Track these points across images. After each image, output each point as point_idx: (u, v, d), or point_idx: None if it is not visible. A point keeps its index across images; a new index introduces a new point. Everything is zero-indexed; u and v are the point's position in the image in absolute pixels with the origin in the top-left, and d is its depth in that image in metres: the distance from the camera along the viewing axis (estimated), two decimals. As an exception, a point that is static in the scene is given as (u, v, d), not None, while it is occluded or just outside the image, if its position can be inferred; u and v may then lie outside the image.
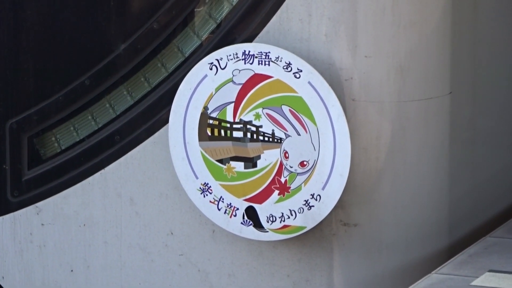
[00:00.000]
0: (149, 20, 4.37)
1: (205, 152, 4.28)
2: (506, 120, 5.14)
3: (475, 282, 4.23)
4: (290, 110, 4.25)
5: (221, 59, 4.28)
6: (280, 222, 4.24)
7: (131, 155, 4.44)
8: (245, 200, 4.33)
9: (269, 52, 4.23)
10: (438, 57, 4.46)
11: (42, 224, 4.52)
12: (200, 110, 4.27)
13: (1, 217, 4.65)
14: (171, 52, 4.35)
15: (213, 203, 4.24)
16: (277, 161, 4.31)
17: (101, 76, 4.41)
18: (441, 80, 4.40)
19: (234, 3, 4.54)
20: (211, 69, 4.25)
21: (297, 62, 4.21)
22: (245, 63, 4.25)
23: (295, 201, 4.30)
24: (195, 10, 4.43)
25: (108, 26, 4.47)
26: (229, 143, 4.34)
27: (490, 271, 4.31)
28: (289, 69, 4.19)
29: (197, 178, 4.27)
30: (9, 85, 4.65)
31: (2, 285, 4.63)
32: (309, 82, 4.11)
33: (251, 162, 4.37)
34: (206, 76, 4.20)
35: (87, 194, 4.52)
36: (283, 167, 4.30)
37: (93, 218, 4.52)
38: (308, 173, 4.28)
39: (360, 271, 4.44)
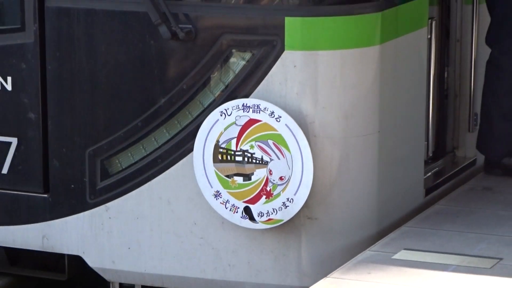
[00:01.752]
0: (180, 83, 4.78)
1: (217, 170, 4.68)
2: (418, 147, 5.42)
3: (394, 257, 4.56)
4: (273, 143, 4.64)
5: (228, 109, 4.63)
6: (266, 216, 4.68)
7: (168, 172, 4.80)
8: (244, 202, 4.70)
9: (259, 104, 4.60)
10: (370, 107, 4.88)
11: (109, 218, 4.90)
12: (214, 142, 4.66)
13: (83, 213, 5.02)
14: (195, 104, 4.75)
15: (222, 204, 4.68)
16: (264, 176, 4.67)
17: (149, 120, 4.78)
18: (373, 123, 4.84)
19: (237, 72, 4.80)
20: (221, 115, 4.63)
21: (278, 111, 4.58)
22: (243, 112, 4.62)
23: (276, 203, 4.66)
24: (211, 76, 4.81)
25: (154, 85, 4.83)
26: (233, 164, 4.70)
27: (405, 249, 4.64)
28: (273, 115, 4.58)
29: (212, 187, 4.68)
30: (88, 123, 4.99)
31: (83, 258, 5.00)
32: (285, 124, 4.55)
33: (247, 177, 4.70)
34: (218, 120, 4.63)
35: (140, 197, 4.88)
36: (269, 180, 4.66)
37: (143, 214, 4.91)
38: (285, 184, 4.64)
39: (319, 249, 4.82)
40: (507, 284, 4.32)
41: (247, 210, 4.70)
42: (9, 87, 4.97)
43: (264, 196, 4.67)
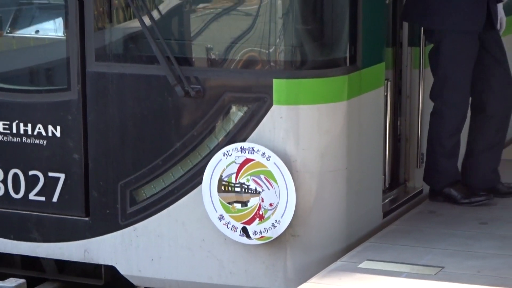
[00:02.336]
0: (191, 130, 4.81)
1: (221, 198, 4.68)
2: (377, 180, 5.44)
3: (360, 266, 4.58)
4: (264, 177, 4.64)
5: (229, 151, 4.63)
6: (259, 234, 4.67)
7: (183, 200, 4.77)
8: (241, 223, 4.68)
9: (253, 147, 4.62)
10: (340, 149, 4.87)
11: (137, 236, 4.86)
12: (218, 177, 4.66)
13: (116, 232, 4.99)
14: (203, 147, 4.76)
15: (225, 225, 4.67)
16: (257, 203, 4.66)
17: (167, 159, 4.83)
18: (342, 161, 4.84)
19: (236, 121, 4.80)
20: (224, 156, 4.64)
21: (268, 152, 4.60)
22: (241, 153, 4.64)
23: (267, 224, 4.65)
24: (215, 125, 4.80)
25: (171, 132, 4.83)
26: (233, 194, 4.69)
27: (367, 260, 4.65)
28: (264, 156, 4.61)
29: (216, 211, 4.68)
30: (119, 162, 5.00)
31: (116, 267, 4.98)
32: (274, 163, 4.57)
33: (244, 204, 4.69)
34: (221, 159, 4.64)
35: (160, 220, 4.80)
36: (261, 206, 4.65)
37: (163, 232, 4.90)
38: (274, 209, 4.64)
39: (300, 260, 4.79)
40: (448, 287, 4.39)
41: (244, 230, 4.69)
42: (58, 134, 4.99)
43: (257, 219, 4.67)
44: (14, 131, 5.07)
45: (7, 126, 5.06)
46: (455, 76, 5.44)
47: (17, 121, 5.05)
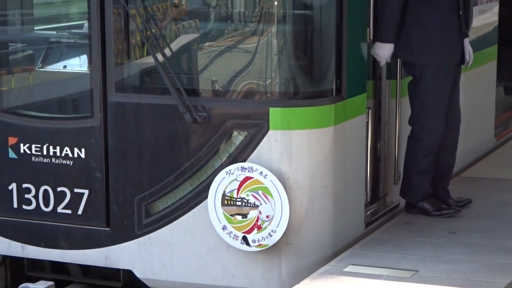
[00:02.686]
0: (199, 152, 4.81)
1: (224, 211, 4.66)
2: (359, 195, 5.38)
3: (345, 270, 4.59)
4: (262, 192, 4.62)
5: (231, 170, 4.63)
6: (258, 242, 4.65)
7: (191, 212, 4.76)
8: (242, 232, 4.66)
9: (252, 167, 4.61)
10: (327, 168, 4.87)
11: (151, 244, 4.81)
12: (222, 192, 4.65)
13: (133, 241, 4.97)
14: (209, 166, 4.77)
15: (228, 234, 4.64)
16: (256, 215, 4.64)
17: (178, 177, 4.85)
18: (329, 179, 4.83)
19: (237, 144, 4.78)
20: (227, 174, 4.64)
21: (265, 171, 4.59)
22: (241, 172, 4.64)
23: (265, 233, 4.62)
24: (219, 147, 4.79)
25: (181, 154, 4.84)
26: (235, 207, 4.66)
27: (352, 264, 4.67)
28: (261, 174, 4.59)
29: (220, 222, 4.66)
30: (136, 180, 4.97)
31: (133, 271, 4.96)
32: (270, 180, 4.56)
33: (244, 216, 4.67)
34: (224, 177, 4.63)
35: (172, 230, 4.87)
36: (259, 218, 4.63)
37: (174, 241, 4.92)
38: (270, 221, 4.61)
39: (293, 265, 4.76)
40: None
41: (244, 238, 4.67)
42: (83, 155, 5.00)
43: (256, 229, 4.65)
44: (45, 153, 5.05)
45: (38, 149, 5.04)
46: (433, 105, 5.41)
47: (47, 144, 5.03)
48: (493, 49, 7.59)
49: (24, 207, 5.13)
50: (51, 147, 5.03)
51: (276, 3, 4.78)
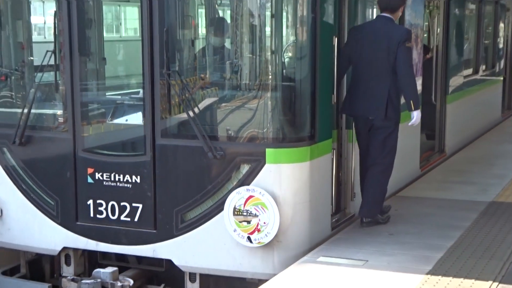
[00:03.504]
0: (217, 178, 4.73)
1: (235, 219, 4.61)
2: (327, 207, 5.23)
3: (318, 260, 4.60)
4: (261, 206, 4.55)
5: (240, 191, 4.56)
6: (257, 241, 4.58)
7: (213, 220, 4.76)
8: (247, 234, 4.59)
9: (254, 189, 4.56)
10: (305, 189, 4.78)
11: (184, 241, 4.82)
12: (233, 206, 4.61)
13: (172, 239, 4.87)
14: (224, 188, 4.73)
15: (237, 235, 4.62)
16: (257, 222, 4.56)
17: (203, 196, 4.80)
18: (306, 196, 4.81)
19: (243, 173, 4.66)
20: (236, 193, 4.58)
21: (263, 191, 4.54)
22: (247, 192, 4.59)
23: (262, 234, 4.54)
24: (232, 175, 4.69)
25: (204, 180, 4.73)
26: (242, 216, 4.59)
27: (322, 256, 4.67)
28: (260, 194, 4.54)
29: (232, 227, 4.62)
30: (175, 197, 4.86)
31: (172, 260, 4.81)
32: (266, 198, 4.51)
33: (249, 222, 4.58)
34: (235, 196, 4.60)
35: (199, 232, 4.80)
36: (258, 224, 4.55)
37: (200, 239, 4.80)
38: (266, 226, 4.53)
39: (282, 256, 4.72)
40: (369, 273, 4.35)
41: (248, 238, 4.62)
42: (138, 180, 4.95)
43: (256, 231, 4.59)
44: (112, 179, 5.01)
45: (108, 176, 5.03)
46: (396, 147, 5.34)
47: (114, 172, 5.00)
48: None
49: (98, 216, 5.07)
50: (116, 175, 4.98)
51: (270, 77, 4.76)
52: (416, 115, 5.13)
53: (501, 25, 10.58)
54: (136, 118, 5.18)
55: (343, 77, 5.34)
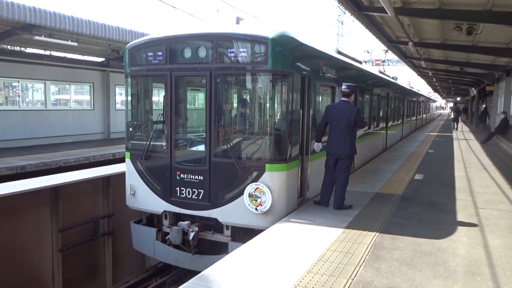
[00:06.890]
0: (241, 178, 4.56)
1: (249, 199, 4.56)
2: (294, 197, 5.00)
3: (290, 220, 4.50)
4: (262, 193, 4.48)
5: (252, 185, 4.40)
6: (260, 210, 4.54)
7: (237, 199, 4.62)
8: (255, 207, 4.55)
9: (259, 184, 4.45)
10: (284, 184, 4.66)
11: (224, 209, 4.75)
12: (248, 192, 4.49)
13: (218, 208, 4.73)
14: (244, 184, 4.57)
15: (250, 207, 4.56)
16: (260, 200, 4.52)
17: (234, 187, 4.66)
18: (285, 187, 4.61)
19: (253, 176, 4.48)
20: (250, 186, 4.45)
21: (263, 185, 4.44)
22: (255, 185, 4.46)
23: (263, 207, 4.51)
24: (247, 177, 4.49)
25: (235, 180, 4.60)
26: (253, 197, 4.52)
27: (292, 218, 4.58)
28: (262, 186, 4.49)
29: (247, 202, 4.57)
30: (218, 187, 4.76)
31: (218, 219, 4.81)
32: (265, 189, 4.43)
33: (256, 200, 4.54)
34: (249, 187, 4.48)
35: (231, 205, 4.72)
36: (261, 202, 4.52)
37: (231, 210, 4.65)
38: (265, 203, 4.52)
39: (272, 218, 4.59)
40: (315, 227, 4.27)
41: (256, 208, 4.62)
42: (201, 178, 4.84)
43: (260, 205, 4.62)
44: (189, 177, 4.93)
45: (187, 176, 4.92)
46: (350, 168, 5.07)
47: (190, 174, 4.92)
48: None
49: (181, 195, 5.09)
50: (191, 175, 5.04)
51: (268, 129, 4.70)
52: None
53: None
54: (202, 147, 5.11)
55: (323, 133, 5.26)
